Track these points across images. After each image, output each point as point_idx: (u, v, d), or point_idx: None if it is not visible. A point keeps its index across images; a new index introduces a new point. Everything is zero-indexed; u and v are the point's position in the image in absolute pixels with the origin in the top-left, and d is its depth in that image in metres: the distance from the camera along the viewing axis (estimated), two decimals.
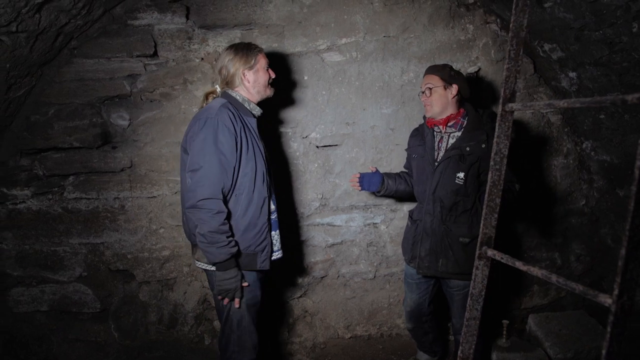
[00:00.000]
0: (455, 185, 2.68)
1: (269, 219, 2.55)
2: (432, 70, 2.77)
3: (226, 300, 2.46)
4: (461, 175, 2.66)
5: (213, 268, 2.43)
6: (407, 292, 3.08)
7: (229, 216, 2.39)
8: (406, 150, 3.06)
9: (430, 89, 2.71)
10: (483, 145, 2.65)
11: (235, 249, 2.38)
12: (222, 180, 2.33)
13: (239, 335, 2.54)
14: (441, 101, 2.70)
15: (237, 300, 2.46)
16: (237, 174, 2.40)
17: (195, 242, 2.48)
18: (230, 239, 2.36)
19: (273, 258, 2.58)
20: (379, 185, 2.99)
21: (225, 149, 2.32)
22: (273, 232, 2.60)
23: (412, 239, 2.88)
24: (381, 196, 3.12)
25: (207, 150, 2.31)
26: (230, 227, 2.39)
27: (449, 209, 2.71)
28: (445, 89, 2.69)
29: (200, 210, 2.29)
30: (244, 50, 2.49)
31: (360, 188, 2.98)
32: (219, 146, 2.31)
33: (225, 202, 2.38)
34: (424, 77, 2.80)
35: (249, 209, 2.44)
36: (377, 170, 3.03)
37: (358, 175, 2.99)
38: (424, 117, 2.89)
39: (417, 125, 3.05)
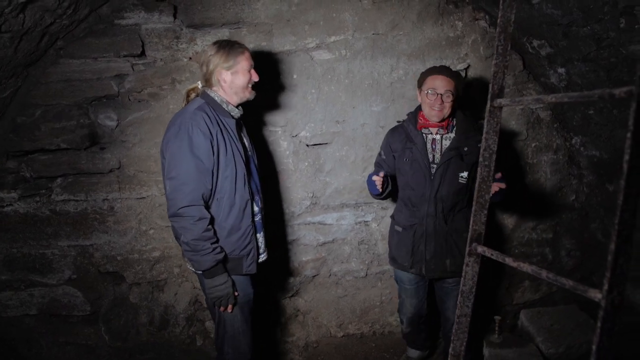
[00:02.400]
0: (458, 185, 2.70)
1: (253, 221, 2.49)
2: (450, 74, 2.68)
3: (222, 308, 2.42)
4: (464, 174, 2.70)
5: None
6: (405, 299, 3.05)
7: (211, 221, 2.34)
8: (393, 154, 2.90)
9: (452, 94, 2.64)
10: (479, 145, 2.66)
11: (222, 255, 2.33)
12: (201, 186, 2.27)
13: (232, 335, 2.51)
14: (451, 108, 2.68)
15: (230, 306, 2.42)
16: (217, 178, 2.35)
17: None
18: (215, 245, 2.31)
19: (260, 260, 2.54)
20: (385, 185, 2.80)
21: (201, 153, 2.26)
22: (258, 235, 2.54)
23: (411, 244, 2.82)
24: (383, 198, 2.93)
25: (183, 156, 2.25)
26: (215, 233, 2.35)
27: (450, 209, 2.73)
28: (457, 97, 2.70)
29: (182, 219, 2.25)
30: (226, 48, 2.39)
31: (382, 188, 2.75)
32: (194, 151, 2.25)
33: (207, 207, 2.34)
34: (437, 75, 2.67)
35: (232, 212, 2.39)
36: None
37: (383, 174, 2.72)
38: (410, 119, 2.83)
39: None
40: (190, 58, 3.14)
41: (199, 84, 2.52)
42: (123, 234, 3.30)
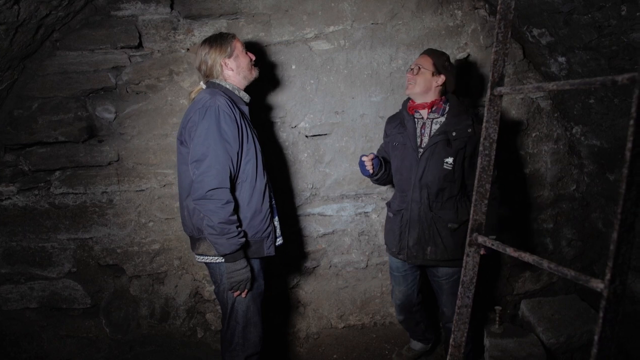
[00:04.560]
0: (443, 170, 2.65)
1: (271, 204, 2.55)
2: (430, 52, 2.74)
3: (236, 293, 2.43)
4: (450, 160, 2.64)
5: (217, 260, 2.42)
6: (394, 285, 3.06)
7: (235, 206, 2.36)
8: (385, 138, 2.98)
9: (419, 68, 2.67)
10: (469, 130, 2.64)
11: (244, 239, 2.36)
12: (228, 169, 2.30)
13: (244, 326, 2.53)
14: (424, 85, 2.66)
15: (246, 291, 2.45)
16: (240, 161, 2.38)
17: (197, 235, 2.46)
18: (240, 229, 2.34)
19: (277, 244, 2.59)
20: (377, 166, 2.82)
21: (229, 136, 2.30)
22: (274, 219, 2.60)
23: (399, 229, 2.82)
24: (376, 179, 2.91)
25: (211, 138, 2.27)
26: (239, 217, 2.37)
27: (435, 196, 2.69)
28: (432, 75, 2.67)
29: (209, 201, 2.26)
30: (218, 40, 2.48)
31: (373, 169, 2.78)
32: (222, 134, 2.28)
33: (233, 190, 2.36)
34: (419, 55, 2.78)
35: (253, 195, 2.42)
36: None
37: (372, 155, 2.77)
38: (404, 104, 2.86)
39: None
40: (188, 49, 3.12)
41: (202, 84, 2.55)
42: (122, 227, 3.29)
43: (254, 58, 2.57)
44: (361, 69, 3.27)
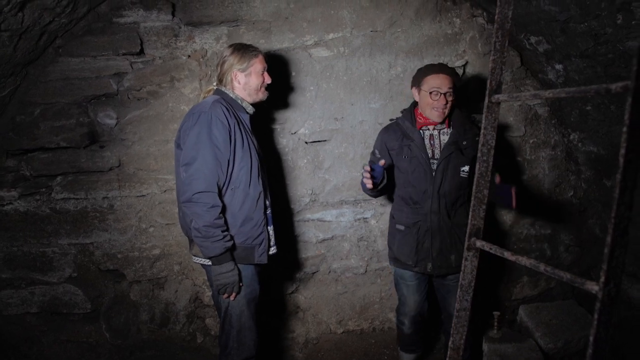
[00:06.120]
0: (460, 179, 2.71)
1: (265, 213, 2.56)
2: (450, 72, 2.67)
3: (225, 295, 2.46)
4: (466, 168, 2.71)
5: (209, 262, 2.43)
6: (407, 297, 2.94)
7: (224, 210, 2.40)
8: (390, 152, 2.85)
9: (453, 93, 2.63)
10: (477, 138, 2.67)
11: (231, 243, 2.38)
12: (216, 174, 2.34)
13: (238, 330, 2.54)
14: (452, 105, 2.70)
15: (233, 294, 2.46)
16: (233, 168, 2.41)
17: (192, 236, 2.48)
18: (225, 232, 2.37)
19: (270, 253, 2.60)
20: (380, 175, 2.70)
21: (219, 142, 2.33)
22: (269, 227, 2.61)
23: (415, 242, 2.77)
24: (378, 191, 2.80)
25: (201, 143, 2.31)
26: (226, 221, 2.40)
27: (452, 204, 2.74)
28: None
29: (195, 204, 2.30)
30: (241, 50, 2.51)
31: (372, 185, 2.65)
32: (212, 140, 2.32)
33: (220, 195, 2.39)
34: (438, 74, 2.64)
35: (246, 202, 2.45)
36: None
37: (369, 168, 2.61)
38: (406, 115, 2.81)
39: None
40: (189, 56, 3.15)
41: (214, 85, 2.60)
42: (123, 232, 3.31)
43: (269, 82, 2.60)
44: (360, 76, 3.30)
